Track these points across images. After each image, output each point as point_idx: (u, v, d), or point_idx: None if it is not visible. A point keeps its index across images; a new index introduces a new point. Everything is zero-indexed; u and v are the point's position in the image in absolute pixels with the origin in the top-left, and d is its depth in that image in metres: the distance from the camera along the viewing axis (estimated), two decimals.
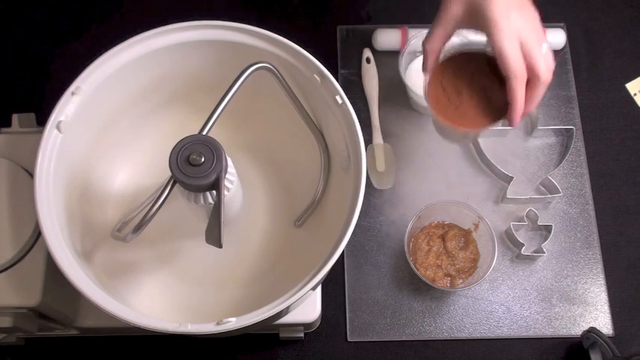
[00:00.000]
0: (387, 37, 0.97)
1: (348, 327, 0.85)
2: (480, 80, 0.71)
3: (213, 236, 0.61)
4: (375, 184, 0.90)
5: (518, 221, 0.88)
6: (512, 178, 0.89)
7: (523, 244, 0.87)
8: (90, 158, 0.74)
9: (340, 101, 0.69)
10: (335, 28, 1.00)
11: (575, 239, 0.90)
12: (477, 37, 0.92)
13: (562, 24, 1.00)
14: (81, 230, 0.71)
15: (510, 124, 0.68)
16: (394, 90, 0.96)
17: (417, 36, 0.91)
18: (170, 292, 0.75)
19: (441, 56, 0.72)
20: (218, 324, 0.60)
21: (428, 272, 0.85)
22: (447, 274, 0.85)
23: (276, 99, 0.74)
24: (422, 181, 0.92)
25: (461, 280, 0.85)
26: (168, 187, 0.62)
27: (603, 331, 0.83)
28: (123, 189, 0.79)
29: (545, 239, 0.88)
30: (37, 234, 0.69)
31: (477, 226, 0.86)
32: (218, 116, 0.66)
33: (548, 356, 0.85)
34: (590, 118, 0.96)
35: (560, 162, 0.92)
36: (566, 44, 0.99)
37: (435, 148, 0.94)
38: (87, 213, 0.73)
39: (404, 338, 0.85)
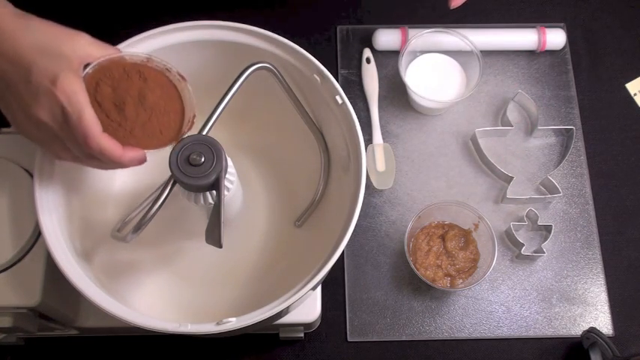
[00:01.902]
0: (387, 37, 0.97)
1: (348, 327, 0.85)
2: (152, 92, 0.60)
3: (213, 236, 0.61)
4: (375, 184, 0.90)
5: (518, 221, 0.88)
6: (512, 178, 0.89)
7: (523, 244, 0.87)
8: None
9: (340, 101, 0.69)
10: (335, 28, 1.00)
11: (575, 239, 0.90)
12: (476, 38, 0.92)
13: (562, 24, 1.00)
14: (81, 230, 0.71)
15: None
16: (394, 90, 0.96)
17: (417, 36, 0.92)
18: (170, 292, 0.75)
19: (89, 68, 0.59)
20: (218, 324, 0.60)
21: (428, 272, 0.85)
22: (447, 274, 0.85)
23: (276, 99, 0.74)
24: (422, 181, 0.92)
25: (461, 280, 0.85)
26: (168, 187, 0.62)
27: (603, 331, 0.83)
28: (123, 189, 0.79)
29: (545, 239, 0.88)
30: (37, 234, 0.69)
31: (476, 226, 0.86)
32: (218, 116, 0.66)
33: (548, 356, 0.85)
34: (590, 118, 0.96)
35: (560, 162, 0.92)
36: (566, 44, 0.99)
37: (435, 148, 0.94)
38: (87, 213, 0.73)
39: (404, 338, 0.85)
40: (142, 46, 0.70)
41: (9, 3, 0.56)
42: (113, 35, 0.71)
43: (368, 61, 0.97)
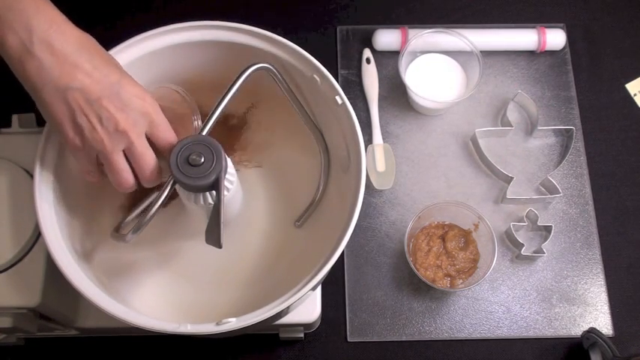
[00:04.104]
0: (387, 37, 0.97)
1: (348, 327, 0.85)
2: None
3: (213, 236, 0.61)
4: (375, 184, 0.90)
5: (518, 221, 0.88)
6: (512, 178, 0.89)
7: (523, 245, 0.87)
8: None
9: (340, 101, 0.69)
10: (335, 28, 1.00)
11: (575, 239, 0.90)
12: (476, 38, 0.92)
13: (562, 24, 1.00)
14: (81, 230, 0.71)
15: None
16: (394, 90, 0.96)
17: (417, 36, 0.92)
18: (170, 293, 0.75)
19: None
20: (218, 324, 0.60)
21: (428, 272, 0.85)
22: (447, 275, 0.85)
23: (276, 99, 0.74)
24: (422, 181, 0.92)
25: (461, 281, 0.85)
26: (168, 187, 0.62)
27: (603, 331, 0.83)
28: None
29: (545, 239, 0.88)
30: (37, 234, 0.69)
31: (477, 226, 0.86)
32: (218, 116, 0.66)
33: (548, 356, 0.85)
34: (590, 118, 0.96)
35: (560, 162, 0.92)
36: (566, 44, 0.99)
37: (435, 148, 0.94)
38: (87, 213, 0.73)
39: (404, 338, 0.85)
40: (142, 46, 0.70)
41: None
42: (112, 35, 0.71)
43: (368, 61, 0.97)
